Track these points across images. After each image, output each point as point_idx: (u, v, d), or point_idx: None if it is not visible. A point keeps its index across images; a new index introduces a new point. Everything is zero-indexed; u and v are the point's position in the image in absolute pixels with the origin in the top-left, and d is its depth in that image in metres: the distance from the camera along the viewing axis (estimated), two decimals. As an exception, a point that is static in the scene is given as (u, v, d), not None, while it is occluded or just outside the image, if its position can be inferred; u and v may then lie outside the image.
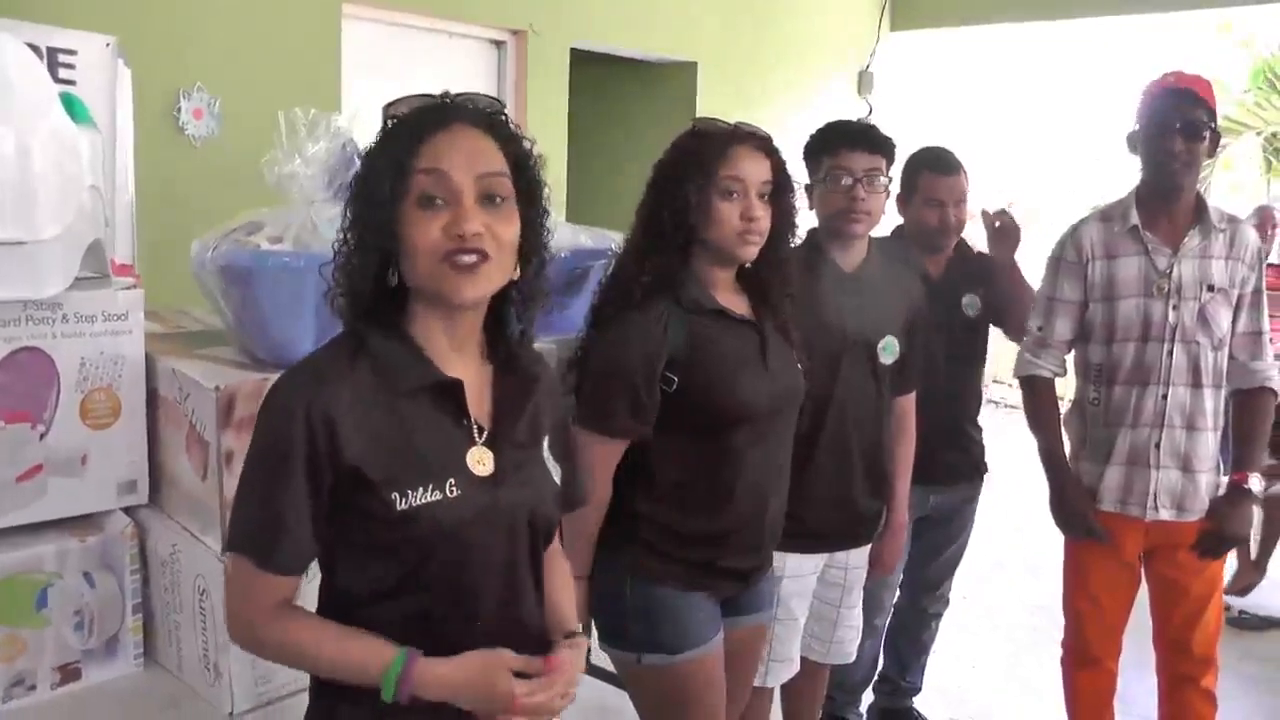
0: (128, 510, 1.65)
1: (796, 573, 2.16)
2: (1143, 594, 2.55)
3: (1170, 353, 2.33)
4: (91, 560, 1.57)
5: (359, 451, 1.15)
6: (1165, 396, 2.34)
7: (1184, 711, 2.53)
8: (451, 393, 1.22)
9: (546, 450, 1.34)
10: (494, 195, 1.17)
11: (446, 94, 1.22)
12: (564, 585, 1.43)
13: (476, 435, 1.24)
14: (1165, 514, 2.38)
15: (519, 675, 1.20)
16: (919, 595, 2.96)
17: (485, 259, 1.16)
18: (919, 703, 3.11)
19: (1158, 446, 2.36)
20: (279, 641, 1.20)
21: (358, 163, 1.75)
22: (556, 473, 1.35)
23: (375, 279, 1.19)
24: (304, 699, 1.56)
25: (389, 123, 1.21)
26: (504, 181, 1.19)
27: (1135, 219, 2.36)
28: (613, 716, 2.90)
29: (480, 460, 1.23)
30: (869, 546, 2.35)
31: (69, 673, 1.57)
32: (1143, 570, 2.51)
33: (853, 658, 2.44)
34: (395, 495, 1.16)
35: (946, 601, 3.00)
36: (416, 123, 1.18)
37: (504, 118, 1.24)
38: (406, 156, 1.15)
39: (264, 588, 1.18)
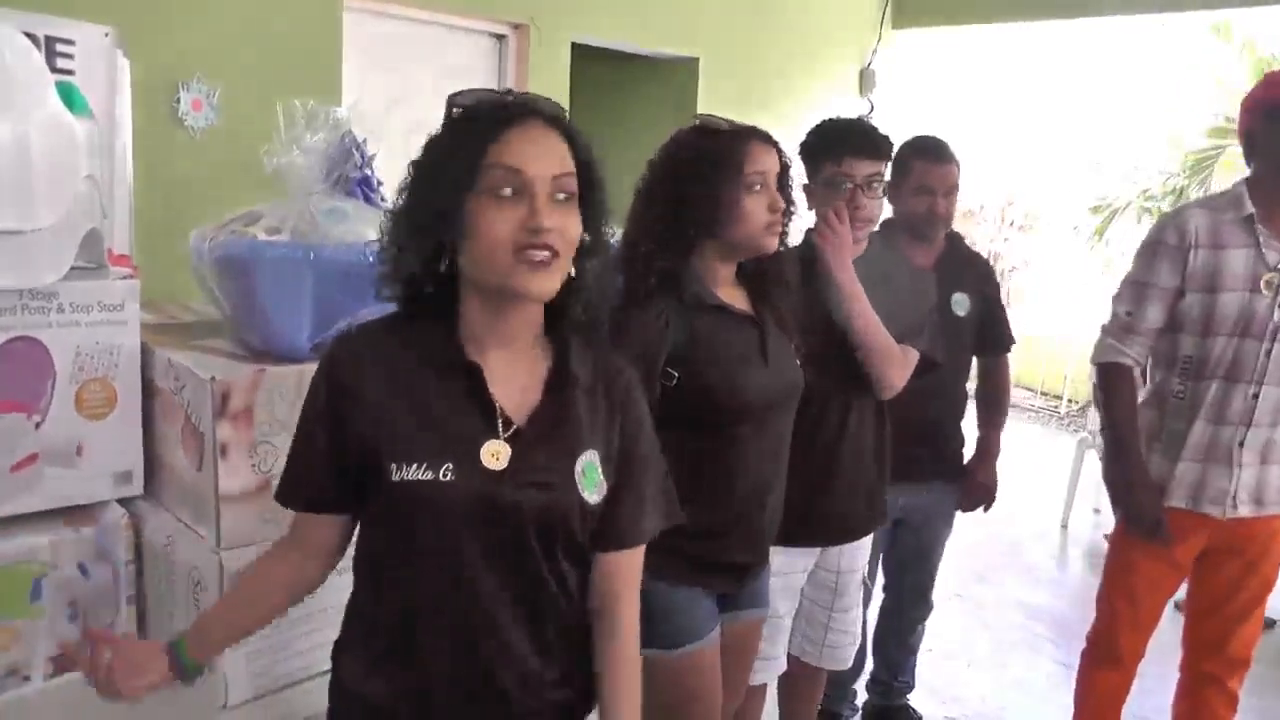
0: (123, 501, 1.65)
1: (782, 570, 2.16)
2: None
3: (1269, 352, 2.24)
4: (86, 551, 1.57)
5: (372, 415, 1.20)
6: (1256, 395, 2.26)
7: (1202, 708, 2.50)
8: (470, 376, 1.22)
9: (589, 462, 1.26)
10: (563, 194, 1.18)
11: (510, 91, 1.23)
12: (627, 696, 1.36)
13: (501, 428, 1.22)
14: (1244, 510, 2.31)
15: None
16: (904, 603, 2.95)
17: (555, 256, 1.16)
18: (913, 700, 3.11)
19: (1242, 445, 2.29)
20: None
21: (357, 156, 1.76)
22: (594, 491, 1.26)
23: (425, 263, 1.20)
24: (298, 690, 1.57)
25: (454, 111, 1.22)
26: (573, 181, 1.20)
27: (1250, 208, 2.25)
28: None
29: (495, 453, 1.21)
30: (859, 549, 2.34)
31: (63, 663, 1.56)
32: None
33: (848, 664, 2.43)
34: (393, 465, 1.18)
35: (932, 605, 2.99)
36: (492, 115, 1.18)
37: (568, 118, 1.24)
38: (482, 146, 1.15)
39: (294, 520, 1.32)
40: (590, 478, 1.26)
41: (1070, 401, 7.70)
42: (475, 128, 1.17)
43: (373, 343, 1.24)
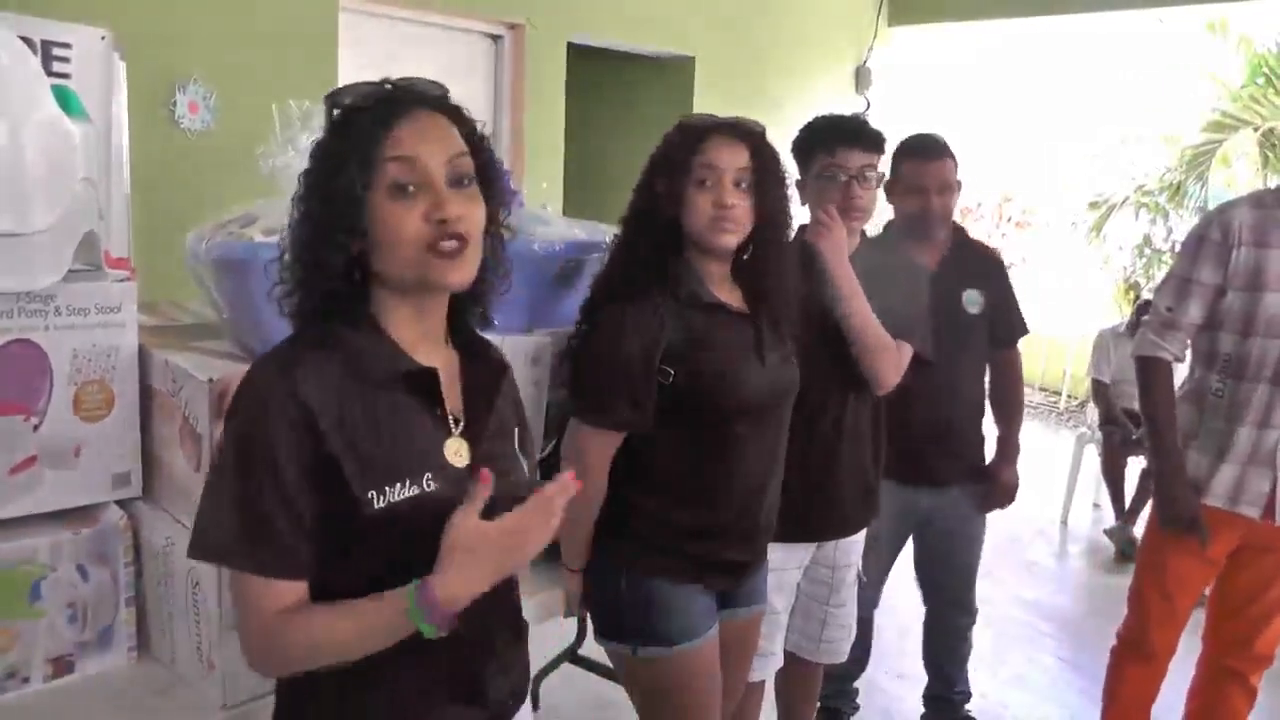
0: (121, 503, 1.65)
1: (778, 566, 2.16)
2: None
3: None
4: (85, 552, 1.57)
5: (336, 444, 1.11)
6: None
7: (1221, 704, 2.49)
8: (426, 382, 1.19)
9: (516, 443, 1.31)
10: (462, 177, 1.15)
11: (388, 80, 1.18)
12: None
13: (453, 426, 1.21)
14: None
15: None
16: (946, 611, 2.93)
17: (466, 243, 1.14)
18: (911, 695, 3.11)
19: None
20: (298, 644, 1.12)
21: None
22: (527, 467, 1.32)
23: (339, 274, 1.14)
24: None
25: (336, 112, 1.17)
26: (468, 162, 1.17)
27: None
28: (609, 710, 2.91)
29: (457, 451, 1.20)
30: (854, 543, 2.34)
31: (62, 665, 1.56)
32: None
33: (845, 657, 2.44)
34: (372, 494, 1.12)
35: (976, 612, 2.96)
36: (377, 111, 1.14)
37: (451, 99, 1.21)
38: (373, 146, 1.12)
39: (272, 595, 1.11)
40: (522, 455, 1.30)
41: (1069, 397, 7.71)
42: (362, 125, 1.12)
43: (309, 365, 1.12)
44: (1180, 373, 2.50)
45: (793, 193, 1.91)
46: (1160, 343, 2.37)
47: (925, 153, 2.62)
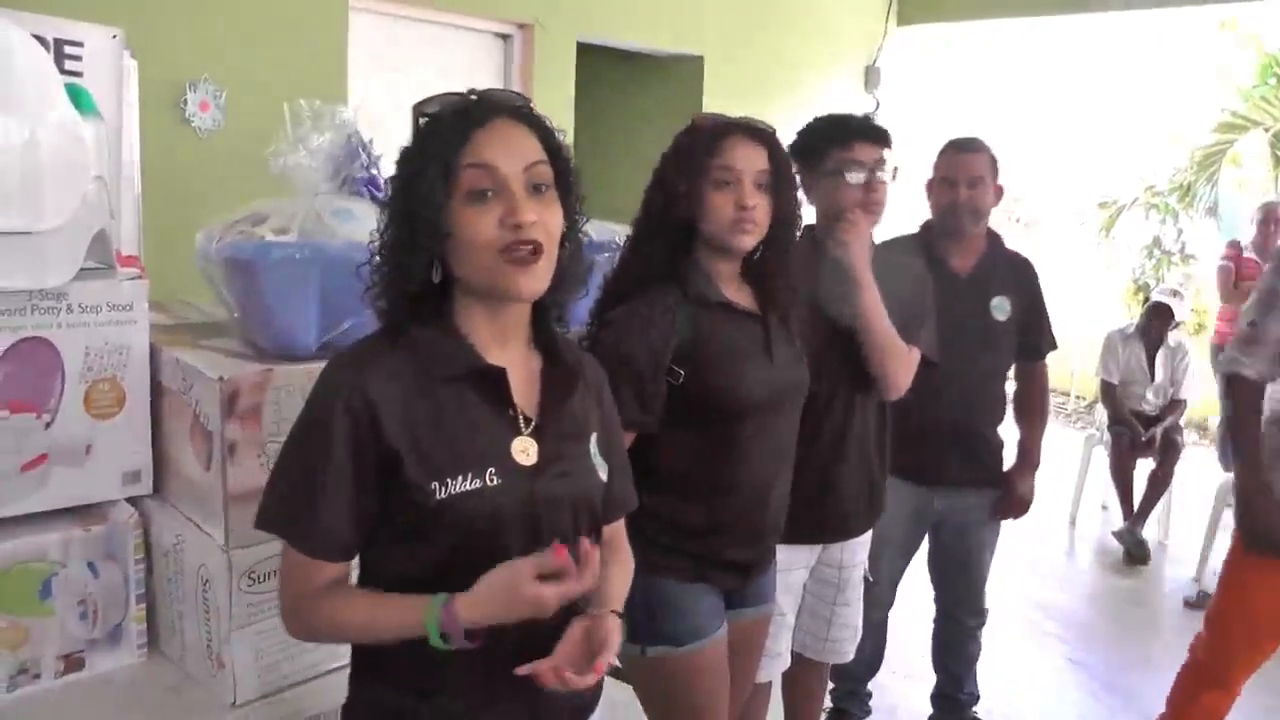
0: (132, 500, 1.65)
1: (784, 566, 2.14)
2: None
3: None
4: (96, 550, 1.57)
5: (398, 437, 1.17)
6: None
7: None
8: (493, 380, 1.22)
9: (594, 446, 1.33)
10: (539, 185, 1.19)
11: (473, 91, 1.23)
12: (616, 574, 1.39)
13: (522, 425, 1.24)
14: None
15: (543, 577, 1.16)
16: (955, 611, 2.92)
17: (539, 251, 1.17)
18: (917, 694, 3.11)
19: None
20: (323, 619, 1.22)
21: (364, 155, 1.76)
22: (603, 470, 1.33)
23: (420, 275, 1.19)
24: (307, 689, 1.57)
25: (421, 121, 1.21)
26: (546, 170, 1.20)
27: None
28: (617, 710, 2.90)
29: (524, 450, 1.23)
30: (860, 544, 2.34)
31: (73, 662, 1.57)
32: None
33: (850, 657, 2.43)
34: (435, 484, 1.17)
35: (985, 613, 2.95)
36: (458, 120, 1.18)
37: (533, 109, 1.25)
38: (452, 153, 1.16)
39: (307, 570, 1.20)
40: (598, 459, 1.32)
41: (1078, 398, 7.69)
42: (443, 133, 1.18)
43: (379, 361, 1.20)
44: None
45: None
46: (1241, 359, 2.27)
47: (957, 146, 2.66)
